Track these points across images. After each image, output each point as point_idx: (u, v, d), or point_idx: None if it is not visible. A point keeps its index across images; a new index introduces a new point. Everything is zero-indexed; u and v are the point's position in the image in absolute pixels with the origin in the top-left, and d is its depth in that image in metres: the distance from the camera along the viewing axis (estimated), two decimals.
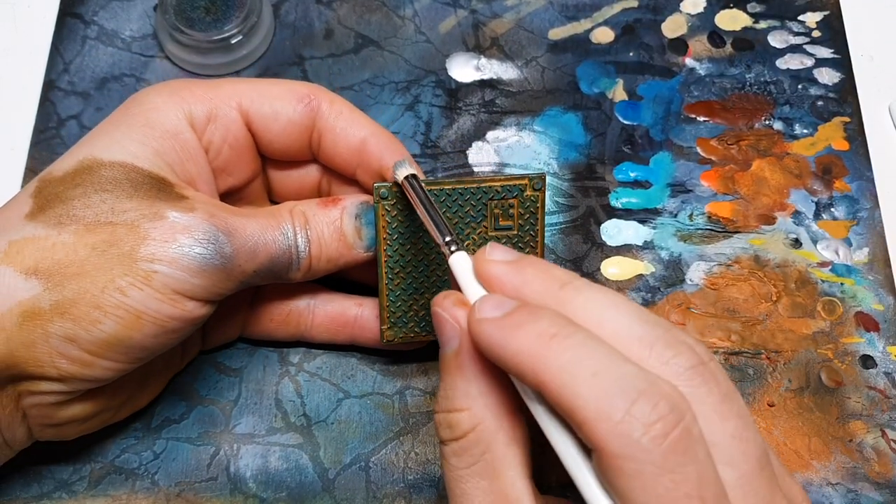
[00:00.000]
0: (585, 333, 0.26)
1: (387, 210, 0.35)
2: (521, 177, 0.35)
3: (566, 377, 0.25)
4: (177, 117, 0.35)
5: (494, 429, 0.27)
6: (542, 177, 0.36)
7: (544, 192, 0.36)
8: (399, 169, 0.34)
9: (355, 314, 0.39)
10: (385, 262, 0.36)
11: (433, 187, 0.35)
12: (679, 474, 0.24)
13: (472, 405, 0.27)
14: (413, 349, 0.40)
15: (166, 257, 0.32)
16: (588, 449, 0.25)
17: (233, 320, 0.39)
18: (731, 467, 0.25)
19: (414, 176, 0.33)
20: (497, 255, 0.28)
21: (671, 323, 0.29)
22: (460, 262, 0.29)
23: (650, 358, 0.26)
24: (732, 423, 0.26)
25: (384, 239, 0.36)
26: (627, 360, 0.25)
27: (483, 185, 0.35)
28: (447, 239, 0.30)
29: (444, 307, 0.28)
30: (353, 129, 0.36)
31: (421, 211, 0.32)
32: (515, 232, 0.36)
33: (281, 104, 0.36)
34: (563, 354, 0.25)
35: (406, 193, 0.34)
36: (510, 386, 0.28)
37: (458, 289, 0.29)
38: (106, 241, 0.32)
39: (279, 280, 0.36)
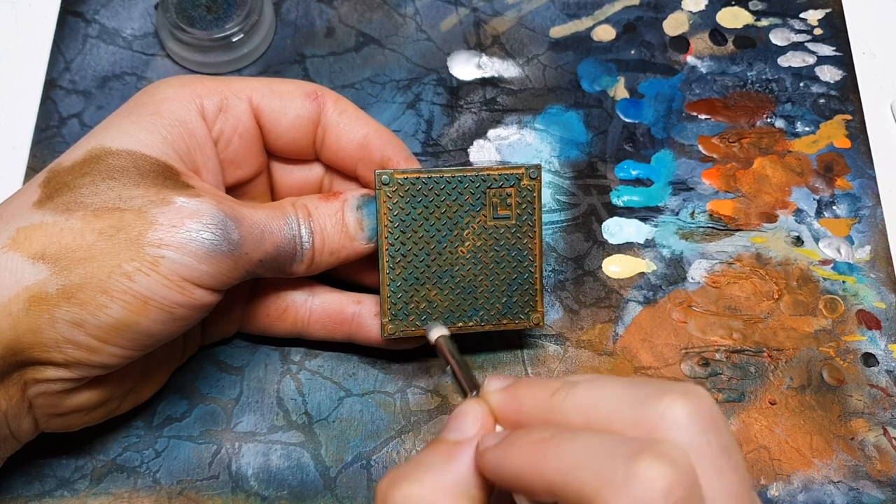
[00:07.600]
0: (579, 430, 0.26)
1: (388, 196, 0.36)
2: (518, 166, 0.37)
3: (569, 465, 0.25)
4: (187, 107, 0.35)
5: None
6: (537, 167, 0.37)
7: (540, 182, 0.37)
8: (432, 331, 0.34)
9: (353, 312, 0.39)
10: (386, 250, 0.36)
11: (434, 174, 0.36)
12: None
13: (436, 489, 0.26)
14: (412, 347, 0.40)
15: (174, 242, 0.32)
16: None
17: (230, 315, 0.39)
18: None
19: (446, 336, 0.34)
20: (493, 385, 0.29)
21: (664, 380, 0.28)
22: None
23: (648, 415, 0.25)
24: (729, 479, 0.25)
25: (385, 227, 0.36)
26: (622, 432, 0.25)
27: (481, 173, 0.36)
28: (474, 393, 0.30)
29: (477, 406, 0.28)
30: (356, 126, 0.38)
31: (453, 366, 0.32)
32: (514, 221, 0.37)
33: (290, 99, 0.37)
34: (561, 447, 0.25)
35: (440, 352, 0.34)
36: None
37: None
38: (113, 226, 0.32)
39: (282, 273, 0.36)
